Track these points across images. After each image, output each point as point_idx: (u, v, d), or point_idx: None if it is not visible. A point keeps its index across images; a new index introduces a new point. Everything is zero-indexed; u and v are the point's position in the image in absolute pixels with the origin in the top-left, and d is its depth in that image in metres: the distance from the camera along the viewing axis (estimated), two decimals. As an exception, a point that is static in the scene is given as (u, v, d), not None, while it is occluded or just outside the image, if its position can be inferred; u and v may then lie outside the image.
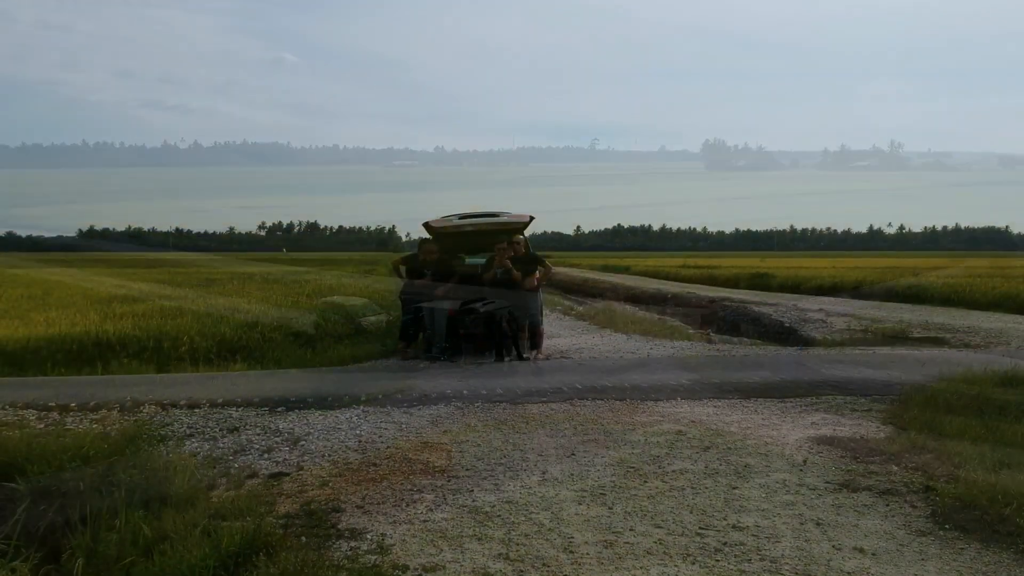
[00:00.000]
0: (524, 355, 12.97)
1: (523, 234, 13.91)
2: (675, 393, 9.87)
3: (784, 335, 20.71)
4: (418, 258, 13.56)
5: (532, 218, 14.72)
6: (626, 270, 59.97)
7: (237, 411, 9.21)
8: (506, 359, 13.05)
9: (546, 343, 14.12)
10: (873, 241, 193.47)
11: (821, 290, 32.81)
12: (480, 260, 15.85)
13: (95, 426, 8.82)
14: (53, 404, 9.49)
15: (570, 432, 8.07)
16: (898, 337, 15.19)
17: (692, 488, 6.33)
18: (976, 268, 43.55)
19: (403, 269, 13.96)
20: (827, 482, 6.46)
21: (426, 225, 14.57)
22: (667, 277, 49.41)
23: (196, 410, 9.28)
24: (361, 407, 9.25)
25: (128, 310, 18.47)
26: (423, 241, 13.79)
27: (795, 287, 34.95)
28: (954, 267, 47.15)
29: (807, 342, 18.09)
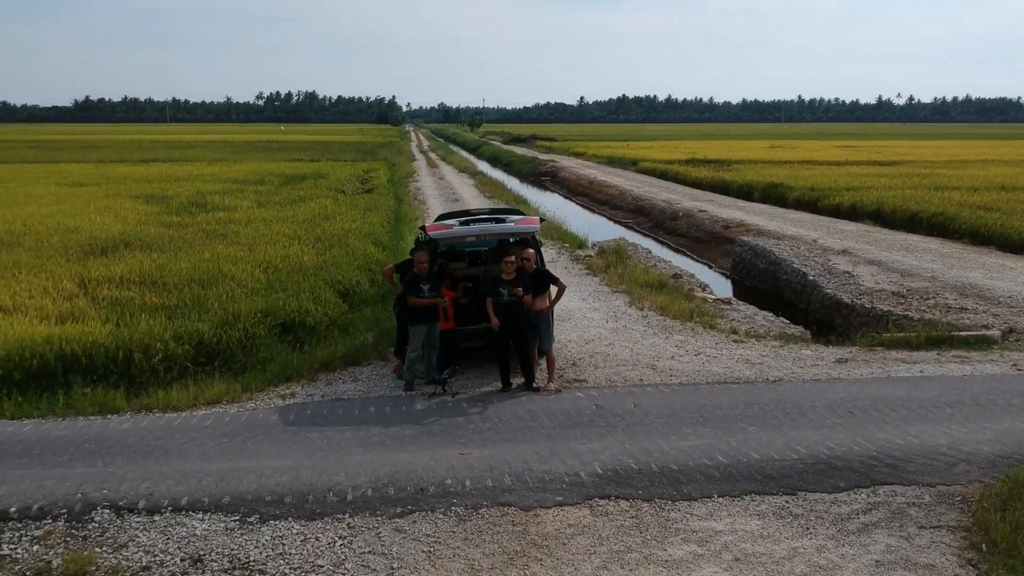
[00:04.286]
0: (534, 384, 11.62)
1: (532, 242, 12.32)
2: (711, 486, 8.55)
3: (808, 291, 19.58)
4: (412, 267, 11.95)
5: (542, 221, 13.20)
6: (633, 165, 58.32)
7: (202, 521, 7.95)
8: (512, 384, 11.75)
9: (555, 335, 12.49)
10: (881, 112, 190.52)
11: (840, 211, 31.47)
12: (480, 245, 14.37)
13: (36, 548, 7.62)
14: (-11, 509, 8.23)
15: (593, 591, 6.82)
16: (943, 339, 13.85)
17: None
18: (999, 174, 41.79)
19: (396, 278, 12.47)
20: None
21: (423, 230, 13.02)
22: (676, 178, 47.79)
23: (155, 518, 8.01)
24: (346, 521, 7.96)
25: (106, 274, 17.16)
26: (417, 246, 12.23)
27: (812, 204, 33.51)
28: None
29: (841, 313, 17.07)
